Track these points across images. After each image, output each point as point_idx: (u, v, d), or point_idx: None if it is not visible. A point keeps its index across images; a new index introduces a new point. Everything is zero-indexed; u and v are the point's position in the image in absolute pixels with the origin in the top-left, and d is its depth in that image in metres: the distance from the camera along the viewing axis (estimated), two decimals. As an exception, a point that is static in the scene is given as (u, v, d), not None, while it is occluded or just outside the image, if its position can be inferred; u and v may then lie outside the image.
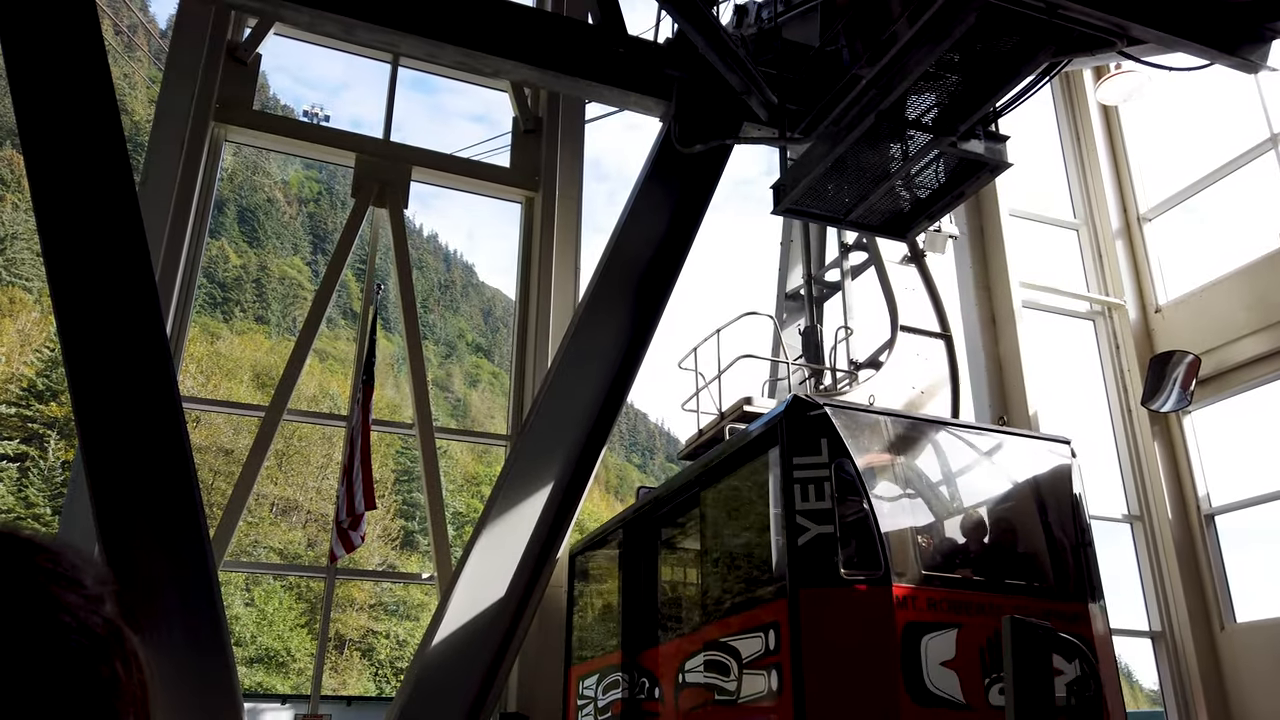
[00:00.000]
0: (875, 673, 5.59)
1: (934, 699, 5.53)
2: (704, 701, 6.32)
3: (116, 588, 0.63)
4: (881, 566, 5.71)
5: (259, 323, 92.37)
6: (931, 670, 5.67)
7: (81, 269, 5.18)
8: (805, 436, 5.97)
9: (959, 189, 6.32)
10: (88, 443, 5.10)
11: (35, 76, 5.25)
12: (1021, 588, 6.35)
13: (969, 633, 5.81)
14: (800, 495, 5.85)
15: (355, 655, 57.76)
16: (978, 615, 5.95)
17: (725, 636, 6.30)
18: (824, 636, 5.62)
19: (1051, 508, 6.90)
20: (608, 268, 6.49)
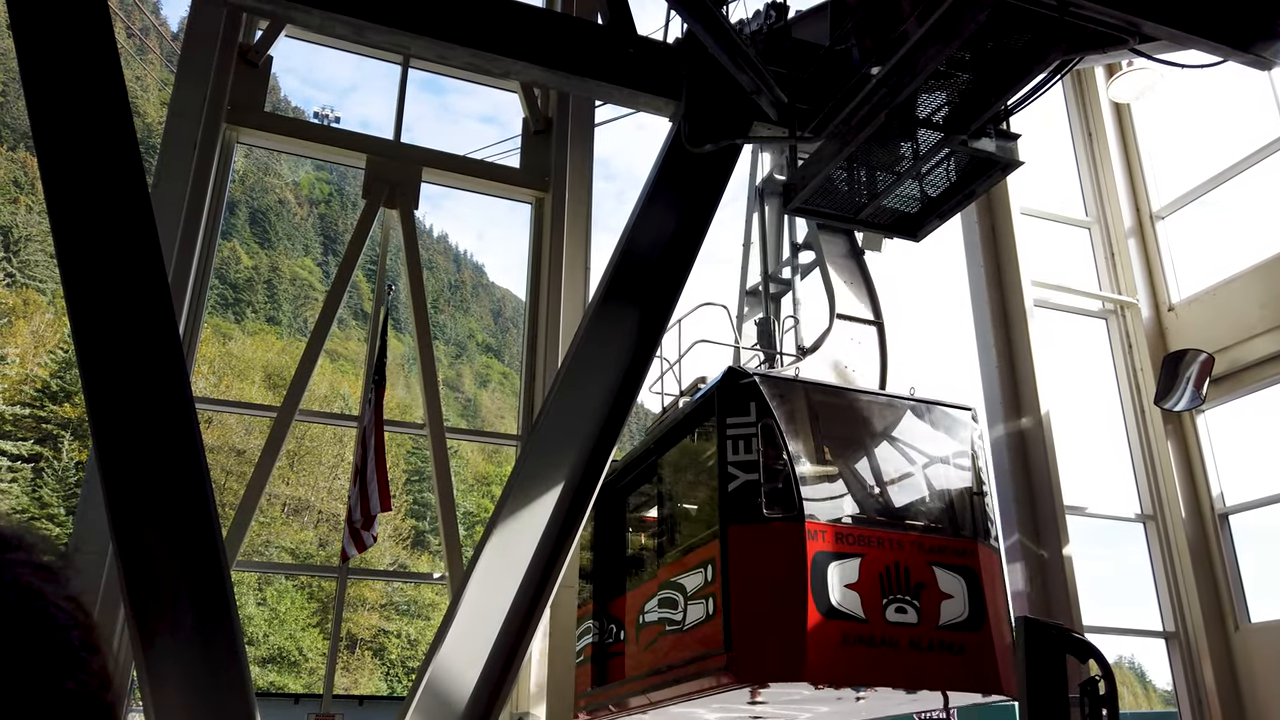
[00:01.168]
0: (789, 593, 6.82)
1: (838, 613, 6.83)
2: (658, 634, 7.58)
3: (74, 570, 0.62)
4: (796, 507, 7.00)
5: (270, 323, 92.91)
6: (836, 591, 6.93)
7: (95, 271, 5.21)
8: (737, 401, 7.25)
9: (970, 187, 6.30)
10: (101, 443, 5.13)
11: (49, 80, 5.29)
12: (919, 526, 7.66)
13: (870, 562, 7.13)
14: (731, 449, 7.14)
15: (367, 655, 57.99)
16: (878, 548, 7.25)
17: (675, 576, 7.59)
18: (747, 564, 6.84)
19: (952, 462, 8.11)
20: (618, 268, 6.49)
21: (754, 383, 7.35)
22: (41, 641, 0.56)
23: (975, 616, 7.23)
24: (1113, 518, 9.89)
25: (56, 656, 0.56)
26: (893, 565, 7.19)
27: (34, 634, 0.55)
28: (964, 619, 7.20)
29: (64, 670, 0.56)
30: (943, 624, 7.19)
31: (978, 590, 7.26)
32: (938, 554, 7.43)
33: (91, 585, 6.18)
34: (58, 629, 0.57)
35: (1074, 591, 8.63)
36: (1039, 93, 5.76)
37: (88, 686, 0.56)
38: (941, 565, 7.40)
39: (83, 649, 0.57)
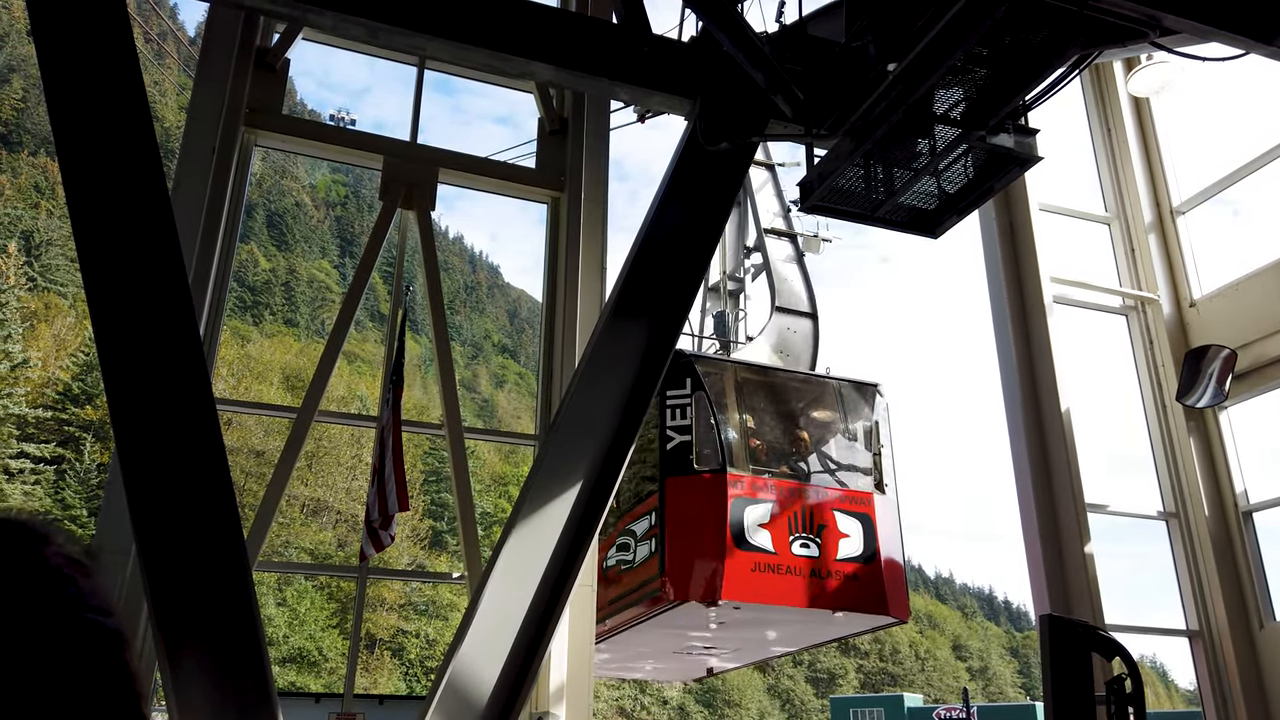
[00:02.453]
0: (712, 531, 8.53)
1: (752, 547, 8.57)
2: (616, 574, 9.50)
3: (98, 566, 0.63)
4: (720, 462, 8.78)
5: (288, 325, 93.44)
6: (750, 529, 8.60)
7: (117, 274, 5.26)
8: (675, 376, 8.96)
9: (988, 184, 6.25)
10: (124, 445, 5.18)
11: (70, 85, 5.34)
12: (824, 480, 9.56)
13: (780, 506, 8.85)
14: (669, 416, 8.95)
15: (386, 654, 58.28)
16: (788, 496, 8.98)
17: (629, 524, 9.45)
18: (680, 508, 8.40)
19: (856, 427, 9.99)
20: (634, 266, 6.49)
21: (689, 361, 9.22)
22: (77, 625, 0.56)
23: (869, 552, 9.04)
24: (1135, 515, 9.81)
25: (91, 640, 0.57)
26: (799, 510, 8.94)
27: (69, 619, 0.56)
28: (859, 554, 8.98)
29: (100, 653, 0.57)
30: (840, 558, 8.91)
31: (871, 531, 9.12)
32: (839, 502, 9.25)
33: (115, 586, 6.23)
34: (91, 615, 0.57)
35: (1096, 590, 8.57)
36: (1058, 88, 5.71)
37: (122, 670, 0.57)
38: (842, 511, 9.14)
39: (114, 635, 0.58)
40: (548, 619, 5.87)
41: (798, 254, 11.51)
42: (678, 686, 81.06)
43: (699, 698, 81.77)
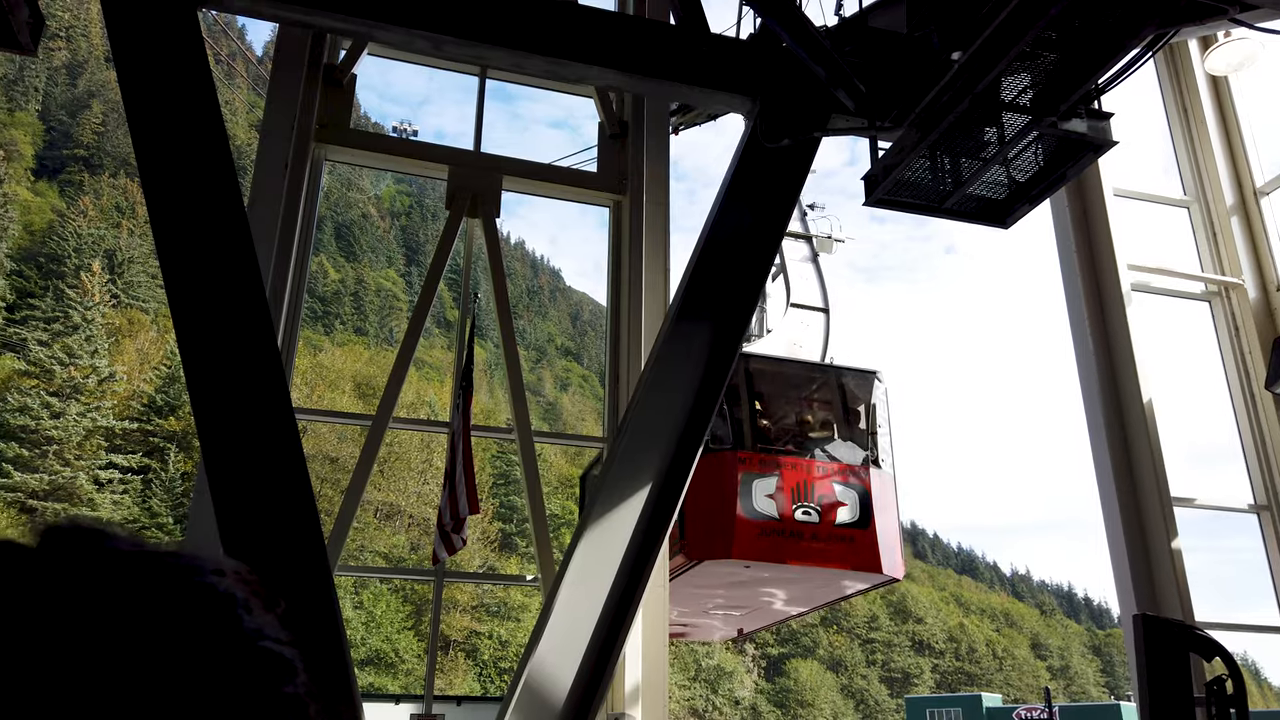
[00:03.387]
0: (724, 501, 9.77)
1: (758, 514, 9.81)
2: None
3: (277, 598, 0.65)
4: (730, 441, 10.14)
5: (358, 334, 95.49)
6: (758, 499, 9.86)
7: (198, 289, 5.45)
8: None
9: (1061, 171, 6.10)
10: (210, 455, 5.36)
11: (150, 108, 5.54)
12: (825, 455, 10.64)
13: (784, 479, 10.09)
14: None
15: (460, 656, 59.19)
16: (791, 470, 10.21)
17: None
18: (697, 481, 9.14)
19: (853, 410, 11.20)
20: (697, 267, 6.48)
21: None
22: (252, 655, 0.58)
23: (864, 519, 10.25)
24: (1224, 509, 9.46)
25: (267, 670, 0.58)
26: (801, 482, 10.19)
27: (243, 649, 0.58)
28: (855, 520, 10.20)
29: (275, 681, 0.59)
30: (838, 524, 10.10)
31: (867, 501, 10.36)
32: (838, 475, 10.46)
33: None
34: (267, 644, 0.59)
35: (1185, 587, 8.27)
36: (1131, 70, 5.55)
37: (297, 699, 0.59)
38: (840, 483, 10.37)
39: (289, 664, 0.60)
40: (621, 620, 5.89)
41: (812, 254, 12.99)
42: (749, 687, 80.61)
43: (771, 698, 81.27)
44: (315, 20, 6.06)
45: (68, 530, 0.58)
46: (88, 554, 0.56)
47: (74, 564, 0.54)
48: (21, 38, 5.43)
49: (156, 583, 0.56)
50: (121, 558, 0.57)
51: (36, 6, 5.60)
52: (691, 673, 74.54)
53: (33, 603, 0.51)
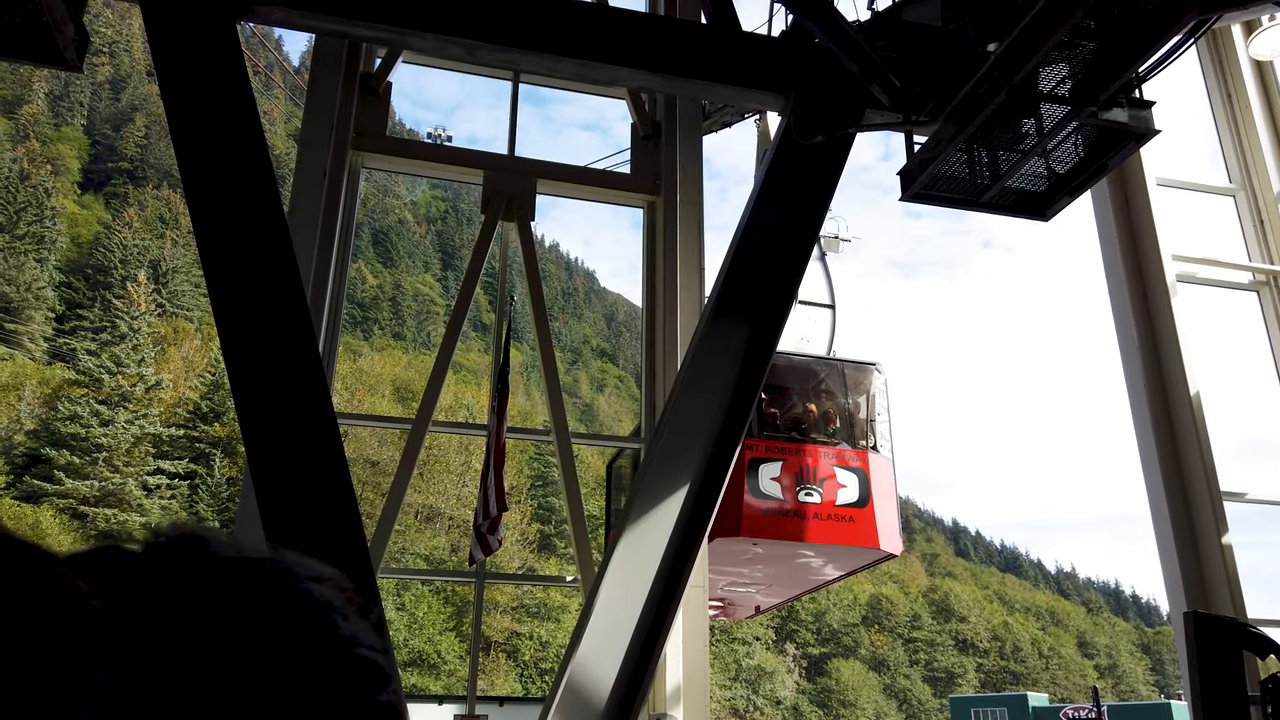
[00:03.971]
0: (733, 483, 10.05)
1: (765, 496, 10.63)
2: None
3: (372, 605, 0.65)
4: None
5: (396, 339, 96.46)
6: (764, 482, 10.64)
7: (242, 298, 5.54)
8: None
9: (1102, 161, 6.00)
10: (255, 460, 5.45)
11: (192, 121, 5.65)
12: (824, 441, 11.53)
13: (788, 464, 10.94)
14: None
15: (501, 657, 59.53)
16: (795, 455, 11.08)
17: None
18: None
19: (854, 398, 12.26)
20: (732, 267, 6.46)
21: None
22: (349, 662, 0.59)
23: (863, 499, 11.11)
24: (1277, 503, 9.24)
25: (363, 677, 0.60)
26: (805, 466, 11.03)
27: (340, 655, 0.59)
28: (855, 501, 11.05)
29: (371, 689, 0.60)
30: (840, 504, 10.92)
31: (866, 483, 11.23)
32: (839, 459, 11.29)
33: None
34: (362, 651, 0.61)
35: (1236, 583, 8.09)
36: (1173, 57, 5.44)
37: (390, 707, 0.60)
38: (841, 467, 11.20)
39: (385, 672, 0.61)
40: (661, 620, 5.90)
41: (820, 253, 13.74)
42: (790, 687, 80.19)
43: (813, 698, 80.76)
44: (351, 30, 6.14)
45: (172, 537, 0.59)
46: (190, 560, 0.57)
47: (177, 570, 0.56)
48: (68, 55, 5.56)
49: (256, 589, 0.57)
50: (222, 564, 0.58)
51: (82, 24, 5.74)
52: (732, 673, 74.32)
53: (139, 608, 0.53)
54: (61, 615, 0.51)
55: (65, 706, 0.49)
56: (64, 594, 0.52)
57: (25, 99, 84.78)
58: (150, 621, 0.53)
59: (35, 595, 0.51)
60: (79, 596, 0.53)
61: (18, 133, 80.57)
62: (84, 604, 0.52)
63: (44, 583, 0.52)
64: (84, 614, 0.52)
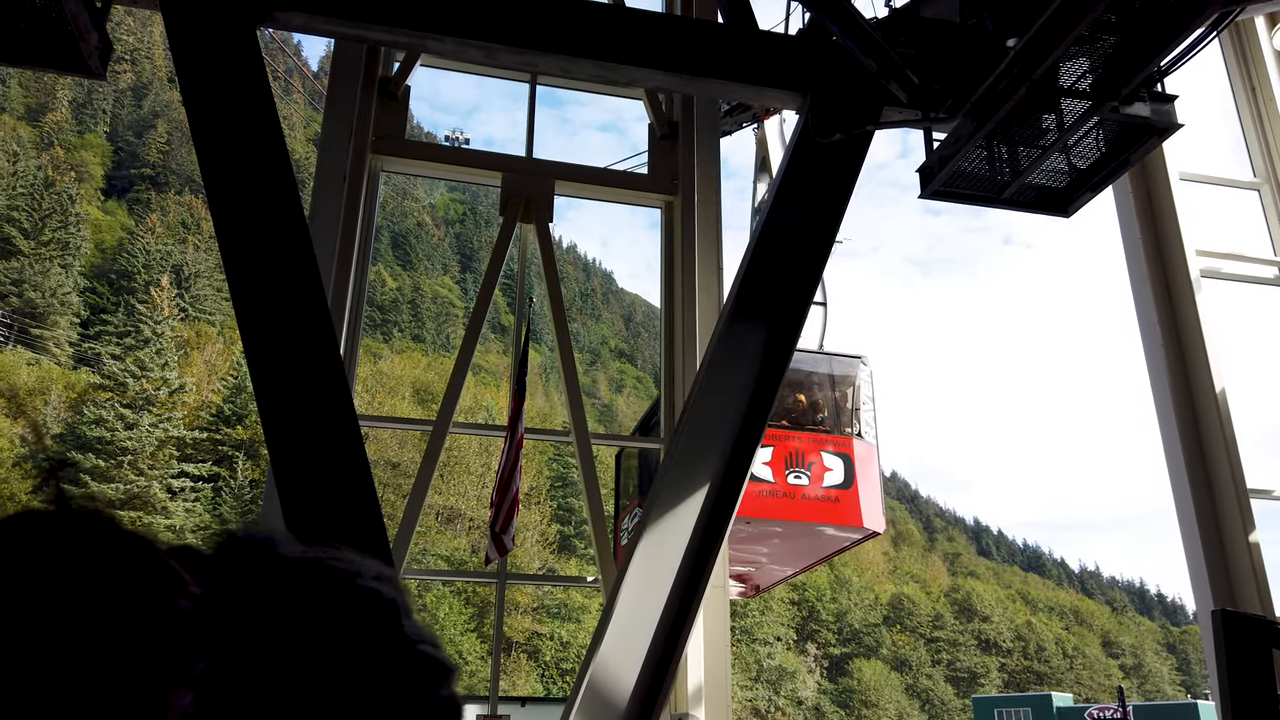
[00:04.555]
0: None
1: (756, 478, 10.99)
2: None
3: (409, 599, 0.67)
4: None
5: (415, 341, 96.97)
6: (755, 466, 10.45)
7: (263, 301, 5.59)
8: None
9: (1123, 156, 5.95)
10: (278, 463, 5.49)
11: (214, 129, 5.71)
12: (812, 429, 12.47)
13: (778, 449, 11.81)
14: None
15: (522, 657, 59.72)
16: (785, 441, 11.96)
17: None
18: None
19: (840, 389, 13.12)
20: (750, 267, 6.45)
21: None
22: (413, 659, 0.61)
23: (847, 481, 11.99)
24: (1304, 501, 9.11)
25: (428, 673, 0.61)
26: (793, 451, 11.93)
27: (406, 653, 0.61)
28: (840, 483, 11.91)
29: (435, 684, 0.61)
30: (826, 485, 11.72)
31: (850, 467, 12.13)
32: (826, 444, 12.18)
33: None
34: (424, 648, 0.62)
35: (1264, 581, 8.00)
36: (1195, 51, 5.38)
37: (452, 701, 0.62)
38: (827, 451, 12.09)
39: (446, 668, 0.63)
40: (682, 621, 5.90)
41: None
42: (812, 687, 79.91)
43: (834, 698, 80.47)
44: (370, 34, 6.18)
45: (241, 539, 0.61)
46: (269, 557, 0.59)
47: (263, 565, 0.57)
48: (91, 63, 5.63)
49: (326, 589, 0.59)
50: (292, 565, 0.60)
51: (105, 32, 5.80)
52: (753, 673, 74.18)
53: (236, 599, 0.55)
54: (167, 602, 0.53)
55: (170, 689, 0.51)
56: (169, 582, 0.54)
57: (49, 107, 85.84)
58: (246, 613, 0.55)
59: (143, 581, 0.53)
60: (182, 585, 0.54)
61: (42, 140, 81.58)
62: (186, 592, 0.54)
63: (150, 570, 0.54)
64: (188, 602, 0.53)
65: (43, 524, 0.55)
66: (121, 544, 0.55)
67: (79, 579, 0.52)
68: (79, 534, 0.54)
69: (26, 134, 79.79)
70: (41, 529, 0.55)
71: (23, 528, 0.54)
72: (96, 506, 0.59)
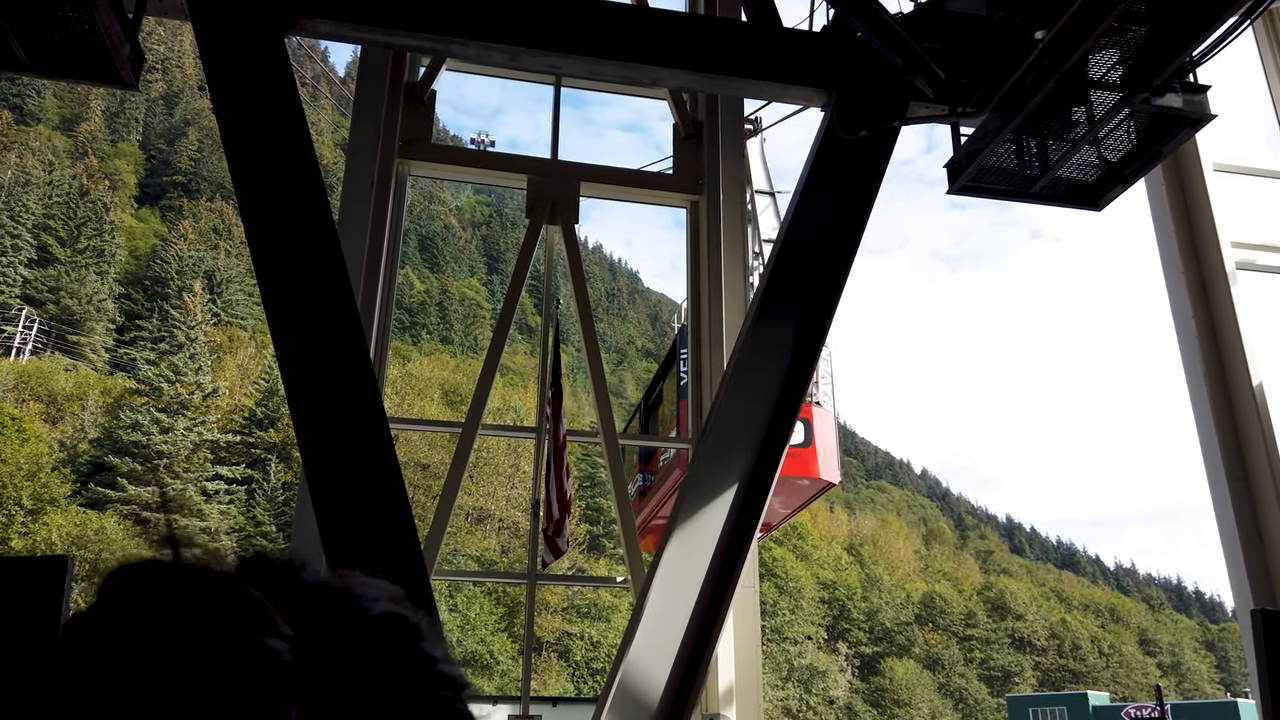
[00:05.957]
0: None
1: None
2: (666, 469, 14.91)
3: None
4: None
5: (443, 343, 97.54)
6: None
7: (295, 306, 5.66)
8: (682, 341, 12.45)
9: (1156, 148, 5.86)
10: (310, 465, 5.56)
11: (245, 136, 5.78)
12: None
13: None
14: (681, 365, 12.20)
15: (552, 657, 59.90)
16: None
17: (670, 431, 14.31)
18: (684, 417, 11.31)
19: None
20: (778, 265, 6.43)
21: None
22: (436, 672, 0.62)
23: (806, 441, 13.91)
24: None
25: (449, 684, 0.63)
26: None
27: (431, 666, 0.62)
28: (800, 442, 13.63)
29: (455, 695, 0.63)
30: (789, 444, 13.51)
31: (810, 429, 14.06)
32: None
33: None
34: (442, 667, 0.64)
35: (1306, 579, 7.85)
36: (1228, 40, 5.29)
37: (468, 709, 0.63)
38: None
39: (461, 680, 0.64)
40: (712, 621, 5.90)
41: None
42: (843, 687, 79.44)
43: (866, 697, 80.00)
44: (396, 40, 6.23)
45: (256, 562, 0.62)
46: (283, 589, 0.59)
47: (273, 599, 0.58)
48: (125, 74, 5.72)
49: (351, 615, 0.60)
50: (311, 590, 0.61)
51: (137, 44, 5.90)
52: (784, 673, 73.91)
53: (305, 651, 0.56)
54: (267, 650, 0.53)
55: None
56: (266, 626, 0.55)
57: (83, 116, 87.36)
58: (330, 654, 0.56)
59: (245, 629, 0.54)
60: (275, 627, 0.55)
61: (77, 150, 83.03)
62: (280, 633, 0.55)
63: (250, 615, 0.55)
64: (283, 645, 0.54)
65: (149, 574, 0.57)
66: (224, 590, 0.56)
67: (186, 632, 0.53)
68: (183, 582, 0.56)
69: (61, 144, 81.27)
70: (148, 579, 0.56)
71: (132, 580, 0.56)
72: (190, 540, 0.60)
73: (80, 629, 0.55)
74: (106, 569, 0.57)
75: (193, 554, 0.59)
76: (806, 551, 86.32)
